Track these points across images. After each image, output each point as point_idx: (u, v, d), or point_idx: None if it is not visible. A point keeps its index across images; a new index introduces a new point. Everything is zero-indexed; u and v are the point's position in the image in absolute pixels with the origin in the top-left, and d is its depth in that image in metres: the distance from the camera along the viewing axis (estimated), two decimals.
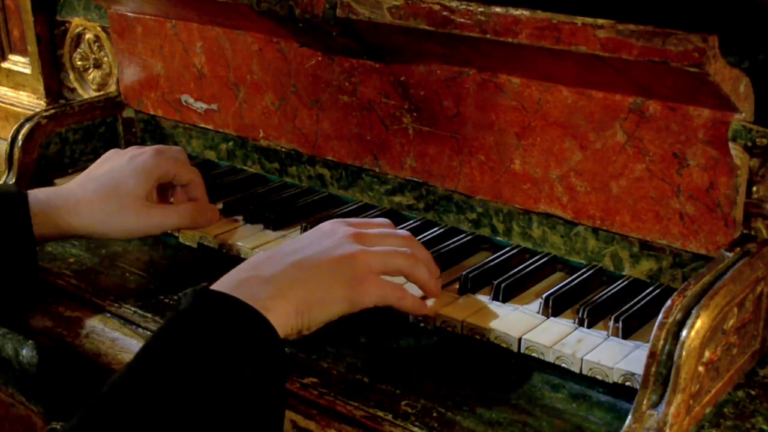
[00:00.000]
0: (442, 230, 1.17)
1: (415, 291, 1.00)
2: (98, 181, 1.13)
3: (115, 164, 1.16)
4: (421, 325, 1.01)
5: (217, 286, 0.86)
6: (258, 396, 0.80)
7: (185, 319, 0.82)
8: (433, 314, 1.00)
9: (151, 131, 1.50)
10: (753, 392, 0.91)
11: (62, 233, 1.11)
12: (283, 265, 0.89)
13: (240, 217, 1.24)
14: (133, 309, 1.09)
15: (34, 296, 1.14)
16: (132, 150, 1.18)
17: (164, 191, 1.21)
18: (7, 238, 1.06)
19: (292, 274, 0.88)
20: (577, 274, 1.05)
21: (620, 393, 0.90)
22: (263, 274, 0.88)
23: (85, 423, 0.75)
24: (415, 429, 0.87)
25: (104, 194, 1.11)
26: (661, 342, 0.82)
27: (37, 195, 1.10)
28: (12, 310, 1.12)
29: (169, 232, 1.20)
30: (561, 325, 0.98)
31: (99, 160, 1.19)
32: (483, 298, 1.04)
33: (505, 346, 0.97)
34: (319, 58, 1.23)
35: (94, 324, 1.09)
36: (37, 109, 1.54)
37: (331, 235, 0.95)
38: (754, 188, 0.94)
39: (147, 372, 0.78)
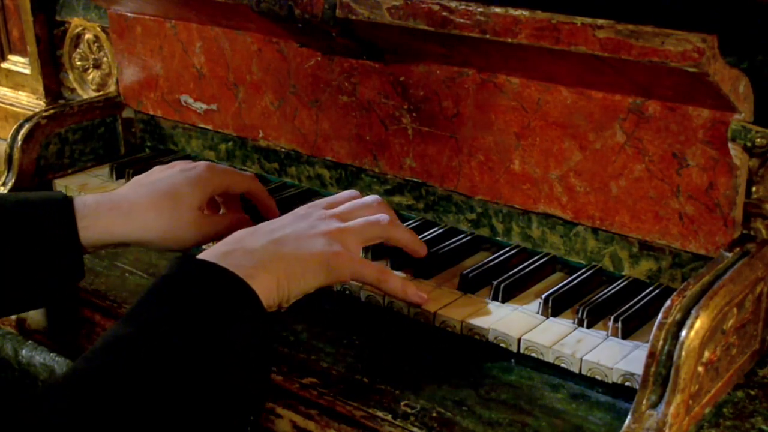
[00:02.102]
0: (441, 230, 1.17)
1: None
2: (152, 186, 1.08)
3: (167, 173, 1.11)
4: (421, 321, 1.01)
5: (201, 257, 0.88)
6: (244, 360, 0.82)
7: (170, 284, 0.84)
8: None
9: (150, 131, 1.50)
10: (752, 392, 0.91)
11: (112, 239, 1.05)
12: (264, 241, 0.92)
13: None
14: None
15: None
16: (182, 163, 1.14)
17: (214, 207, 1.18)
18: (52, 246, 1.01)
19: (272, 249, 0.91)
20: (576, 275, 1.05)
21: (620, 393, 0.90)
22: (247, 247, 0.90)
23: (70, 383, 0.75)
24: (415, 429, 0.87)
25: (158, 200, 1.07)
26: (661, 342, 0.82)
27: (84, 200, 1.05)
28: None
29: None
30: (560, 325, 0.98)
31: (146, 173, 1.14)
32: (483, 298, 1.04)
33: (504, 346, 0.97)
34: (319, 59, 1.23)
35: (94, 324, 1.09)
36: (37, 110, 1.54)
37: (306, 217, 0.99)
38: (754, 188, 0.94)
39: (132, 335, 0.79)
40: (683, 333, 0.81)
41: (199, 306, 0.82)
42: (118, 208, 1.05)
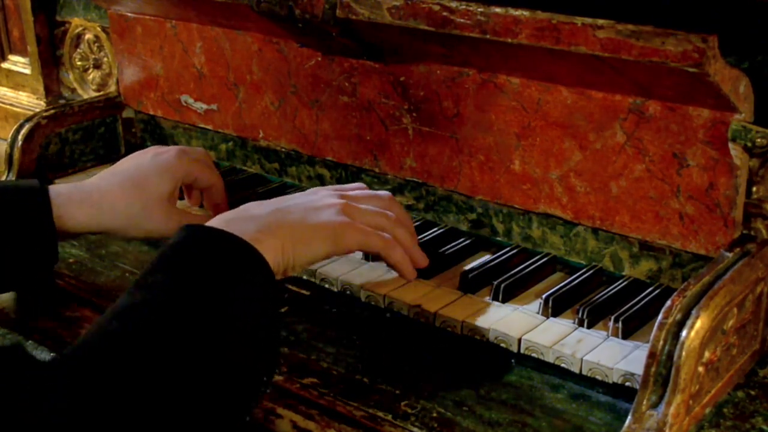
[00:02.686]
0: (441, 230, 1.17)
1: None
2: (122, 175, 1.12)
3: (138, 161, 1.15)
4: (422, 321, 1.01)
5: (207, 225, 0.89)
6: (254, 321, 0.82)
7: (177, 251, 0.84)
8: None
9: (150, 131, 1.50)
10: (753, 392, 0.91)
11: (83, 228, 1.09)
12: (271, 209, 0.94)
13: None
14: None
15: (47, 295, 1.13)
16: (155, 148, 1.18)
17: (191, 191, 1.21)
18: (27, 232, 1.04)
19: (279, 215, 0.93)
20: (576, 275, 1.05)
21: (620, 393, 0.90)
22: (253, 213, 0.92)
23: (82, 353, 0.75)
24: (415, 429, 0.87)
25: (128, 190, 1.10)
26: (661, 342, 0.82)
27: (58, 189, 1.08)
28: (30, 305, 1.12)
29: None
30: (561, 325, 0.98)
31: (121, 160, 1.18)
32: (483, 298, 1.04)
33: (504, 346, 0.97)
34: (319, 59, 1.23)
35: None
36: (37, 110, 1.54)
37: (314, 193, 1.01)
38: (754, 188, 0.94)
39: (142, 301, 0.79)
40: (683, 333, 0.81)
41: (206, 270, 0.82)
42: (89, 198, 1.08)
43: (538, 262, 1.09)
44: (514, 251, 1.11)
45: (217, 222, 0.90)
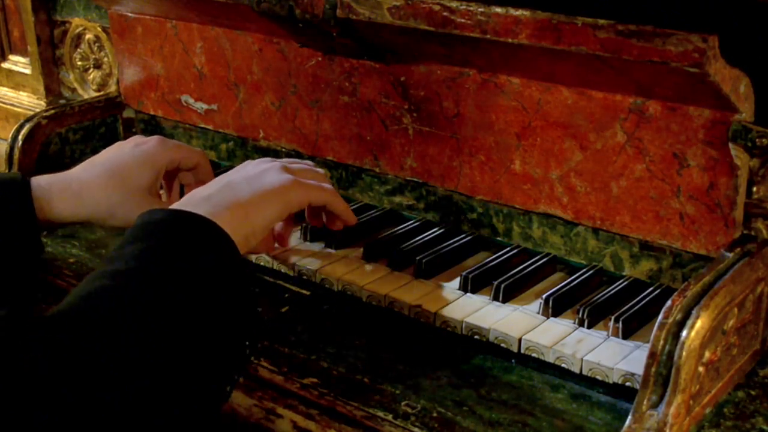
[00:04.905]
0: (442, 230, 1.17)
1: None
2: (102, 166, 1.14)
3: (119, 151, 1.16)
4: (422, 321, 1.01)
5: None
6: (225, 287, 0.85)
7: (142, 229, 0.87)
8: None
9: (151, 131, 1.50)
10: (753, 392, 0.91)
11: (65, 218, 1.11)
12: (218, 187, 0.97)
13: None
14: None
15: (36, 286, 1.15)
16: (136, 138, 1.19)
17: (171, 185, 1.22)
18: (9, 224, 1.06)
19: (227, 191, 0.97)
20: (577, 275, 1.05)
21: (620, 393, 0.90)
22: (203, 195, 0.96)
23: (56, 322, 0.77)
24: (415, 429, 0.87)
25: (108, 180, 1.12)
26: (661, 342, 0.82)
27: (39, 181, 1.10)
28: (16, 298, 1.12)
29: None
30: (561, 325, 0.98)
31: (102, 151, 1.19)
32: (483, 298, 1.04)
33: (505, 346, 0.97)
34: (319, 59, 1.23)
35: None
36: (37, 110, 1.54)
37: (248, 164, 1.05)
38: (754, 188, 0.94)
39: (112, 273, 0.82)
40: (684, 333, 0.81)
41: (176, 241, 0.86)
42: (69, 189, 1.10)
43: (539, 262, 1.09)
44: (515, 251, 1.11)
45: (172, 207, 0.93)
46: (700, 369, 0.83)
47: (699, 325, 0.81)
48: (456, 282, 1.06)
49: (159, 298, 0.80)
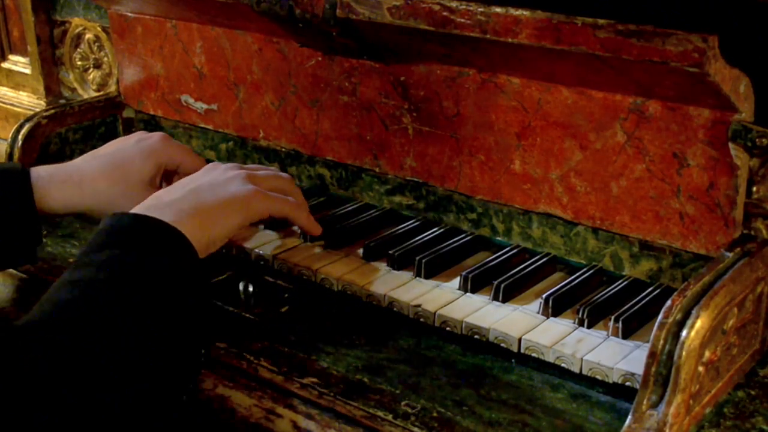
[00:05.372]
0: (442, 230, 1.17)
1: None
2: (104, 158, 1.15)
3: (122, 145, 1.18)
4: (422, 320, 1.01)
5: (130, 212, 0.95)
6: (183, 292, 0.89)
7: (108, 233, 0.90)
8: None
9: (151, 131, 1.49)
10: (753, 392, 0.91)
11: (64, 208, 1.12)
12: (182, 192, 1.00)
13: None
14: None
15: (34, 288, 1.16)
16: (139, 134, 1.20)
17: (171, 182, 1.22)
18: (8, 213, 1.07)
19: (192, 197, 0.99)
20: (577, 274, 1.05)
21: (620, 393, 0.90)
22: (167, 200, 0.98)
23: (27, 328, 0.80)
24: (415, 429, 0.87)
25: (110, 172, 1.13)
26: (661, 342, 0.82)
27: (39, 171, 1.11)
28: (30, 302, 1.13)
29: None
30: (561, 325, 0.98)
31: (105, 144, 1.21)
32: (483, 298, 1.04)
33: (505, 346, 0.97)
34: (319, 58, 1.23)
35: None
36: (37, 109, 1.54)
37: (215, 168, 1.07)
38: (754, 188, 0.94)
39: (80, 279, 0.85)
40: (684, 333, 0.81)
41: (138, 248, 0.88)
42: (70, 179, 1.12)
43: (538, 262, 1.09)
44: (515, 251, 1.11)
45: (137, 209, 0.95)
46: (700, 369, 0.83)
47: (699, 325, 0.81)
48: (456, 282, 1.06)
49: (124, 307, 0.84)
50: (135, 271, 0.86)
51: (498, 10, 0.94)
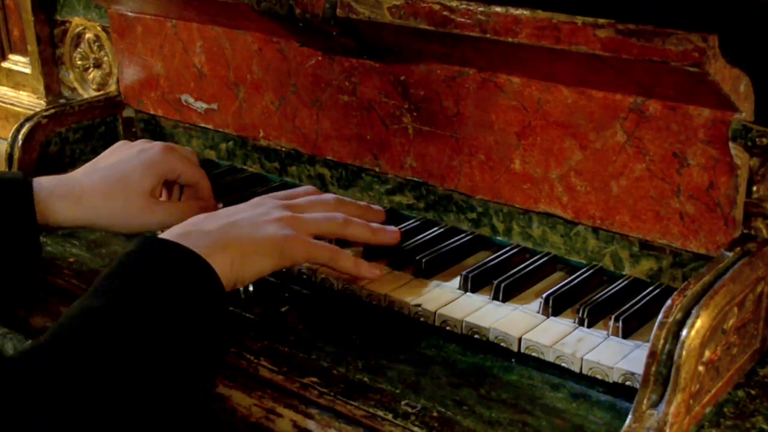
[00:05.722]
0: (442, 230, 1.17)
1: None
2: (104, 171, 1.14)
3: (123, 156, 1.16)
4: (422, 320, 1.01)
5: (162, 236, 0.93)
6: (202, 330, 0.87)
7: (133, 261, 0.88)
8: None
9: (151, 131, 1.50)
10: (753, 392, 0.91)
11: (64, 222, 1.11)
12: (221, 223, 0.97)
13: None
14: None
15: (34, 288, 1.15)
16: (141, 143, 1.19)
17: (171, 188, 1.22)
18: (9, 224, 1.06)
19: (227, 230, 0.96)
20: (577, 274, 1.05)
21: (620, 393, 0.90)
22: (204, 229, 0.95)
23: (38, 354, 0.79)
24: (415, 429, 0.87)
25: (109, 186, 1.12)
26: (661, 341, 0.82)
27: (41, 182, 1.10)
28: (13, 299, 1.13)
29: None
30: (561, 324, 0.98)
31: (107, 151, 1.20)
32: (483, 297, 1.04)
33: (505, 345, 0.97)
34: (319, 58, 1.23)
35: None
36: (37, 109, 1.54)
37: (261, 204, 1.04)
38: (754, 188, 0.94)
39: (99, 308, 0.83)
40: (684, 332, 0.81)
41: (160, 280, 0.86)
42: (71, 193, 1.11)
43: (539, 262, 1.09)
44: (515, 250, 1.11)
45: (170, 235, 0.93)
46: (700, 368, 0.83)
47: (699, 325, 0.81)
48: (456, 281, 1.06)
49: (136, 342, 0.82)
50: (153, 304, 0.85)
51: (498, 9, 0.94)
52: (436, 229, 1.18)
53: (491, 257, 1.11)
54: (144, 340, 0.83)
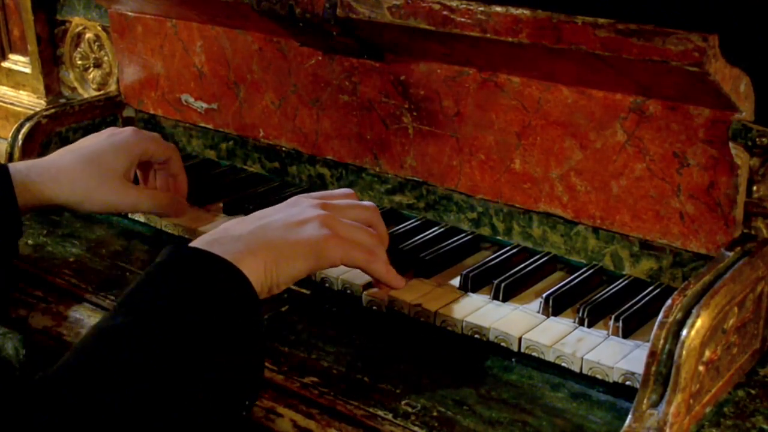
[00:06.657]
0: (442, 230, 1.17)
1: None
2: (78, 152, 1.17)
3: (95, 140, 1.20)
4: (422, 320, 1.01)
5: (190, 245, 0.89)
6: (238, 342, 0.83)
7: (162, 272, 0.85)
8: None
9: (151, 130, 1.50)
10: (753, 391, 0.91)
11: (42, 203, 1.13)
12: (252, 227, 0.93)
13: (241, 217, 1.23)
14: None
15: (14, 276, 1.17)
16: (110, 129, 1.22)
17: (147, 175, 1.26)
18: None
19: (261, 234, 0.92)
20: (577, 274, 1.05)
21: (620, 392, 0.90)
22: (234, 233, 0.91)
23: (67, 374, 0.76)
24: (415, 428, 0.87)
25: (84, 165, 1.15)
26: (662, 341, 0.82)
27: (16, 166, 1.13)
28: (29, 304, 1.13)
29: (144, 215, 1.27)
30: (561, 324, 0.98)
31: (78, 140, 1.23)
32: (483, 297, 1.04)
33: (505, 345, 0.97)
34: (319, 58, 1.23)
35: (94, 323, 1.09)
36: (37, 109, 1.54)
37: (296, 204, 0.99)
38: (755, 187, 0.94)
39: (129, 324, 0.80)
40: (684, 332, 0.81)
41: (192, 292, 0.83)
42: (47, 173, 1.13)
43: (539, 261, 1.09)
44: (515, 250, 1.11)
45: (200, 242, 0.89)
46: (700, 368, 0.83)
47: (699, 324, 0.81)
48: (456, 281, 1.06)
49: (169, 361, 0.78)
50: (181, 319, 0.81)
51: (498, 9, 0.94)
52: (436, 228, 1.18)
53: (491, 257, 1.11)
54: (174, 359, 0.78)
